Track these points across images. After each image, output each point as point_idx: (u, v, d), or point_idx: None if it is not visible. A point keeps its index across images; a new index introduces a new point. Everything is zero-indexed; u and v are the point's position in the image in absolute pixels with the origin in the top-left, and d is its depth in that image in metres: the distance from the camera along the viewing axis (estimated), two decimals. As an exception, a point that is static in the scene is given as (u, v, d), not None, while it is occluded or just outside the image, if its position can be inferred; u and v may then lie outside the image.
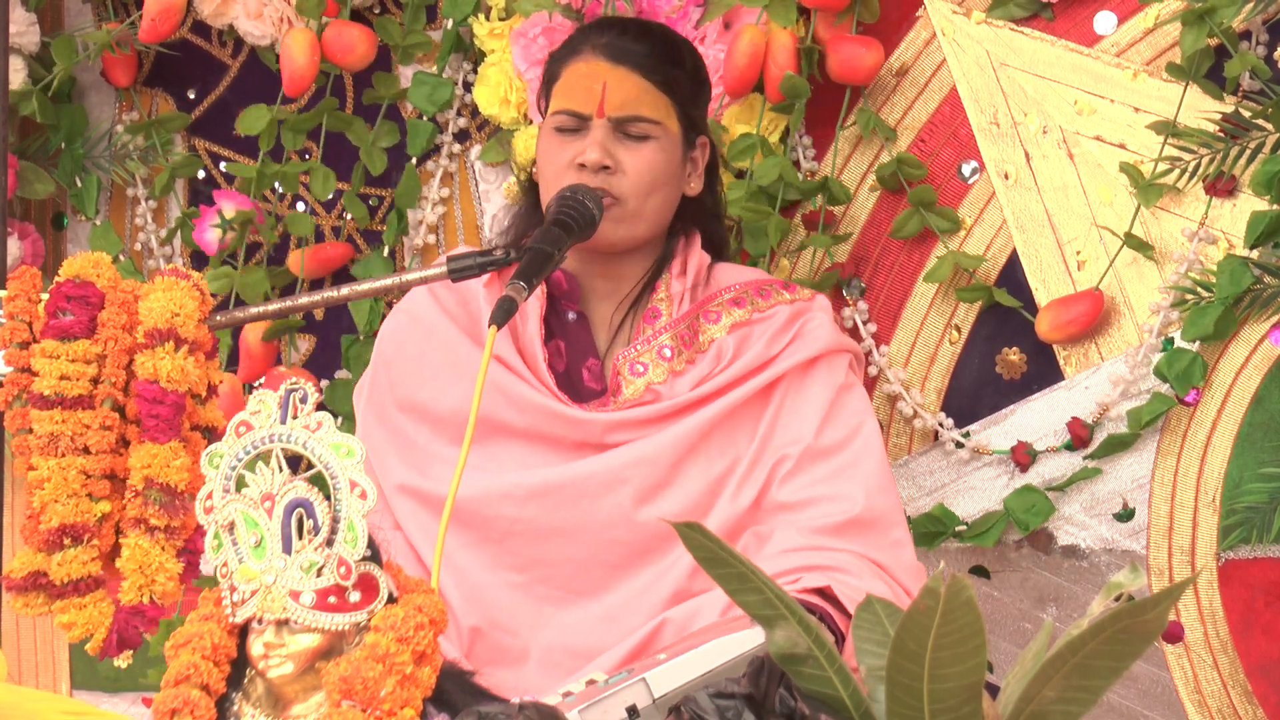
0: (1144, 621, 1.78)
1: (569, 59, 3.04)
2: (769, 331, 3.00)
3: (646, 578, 2.93)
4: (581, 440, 2.97)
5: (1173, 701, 3.29)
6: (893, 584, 2.86)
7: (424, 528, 2.97)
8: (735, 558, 1.90)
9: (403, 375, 3.04)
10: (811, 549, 2.85)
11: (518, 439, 2.98)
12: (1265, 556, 3.24)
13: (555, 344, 3.02)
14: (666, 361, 2.98)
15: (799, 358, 2.98)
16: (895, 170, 3.41)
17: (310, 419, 2.06)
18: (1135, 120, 3.32)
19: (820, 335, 3.01)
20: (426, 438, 3.01)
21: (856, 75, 3.42)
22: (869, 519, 2.90)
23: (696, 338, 3.01)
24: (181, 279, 2.61)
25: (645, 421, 2.96)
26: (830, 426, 2.95)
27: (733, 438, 2.95)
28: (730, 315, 3.02)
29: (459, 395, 2.99)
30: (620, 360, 3.00)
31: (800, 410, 2.96)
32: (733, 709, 1.91)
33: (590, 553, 2.94)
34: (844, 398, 2.99)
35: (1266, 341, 3.23)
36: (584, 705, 2.24)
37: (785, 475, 2.92)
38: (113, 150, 3.83)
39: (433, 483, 2.97)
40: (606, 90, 2.99)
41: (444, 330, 3.04)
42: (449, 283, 2.98)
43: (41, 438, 2.55)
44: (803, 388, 2.98)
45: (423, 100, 3.64)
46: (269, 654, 2.05)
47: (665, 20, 3.46)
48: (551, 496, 2.94)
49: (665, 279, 3.04)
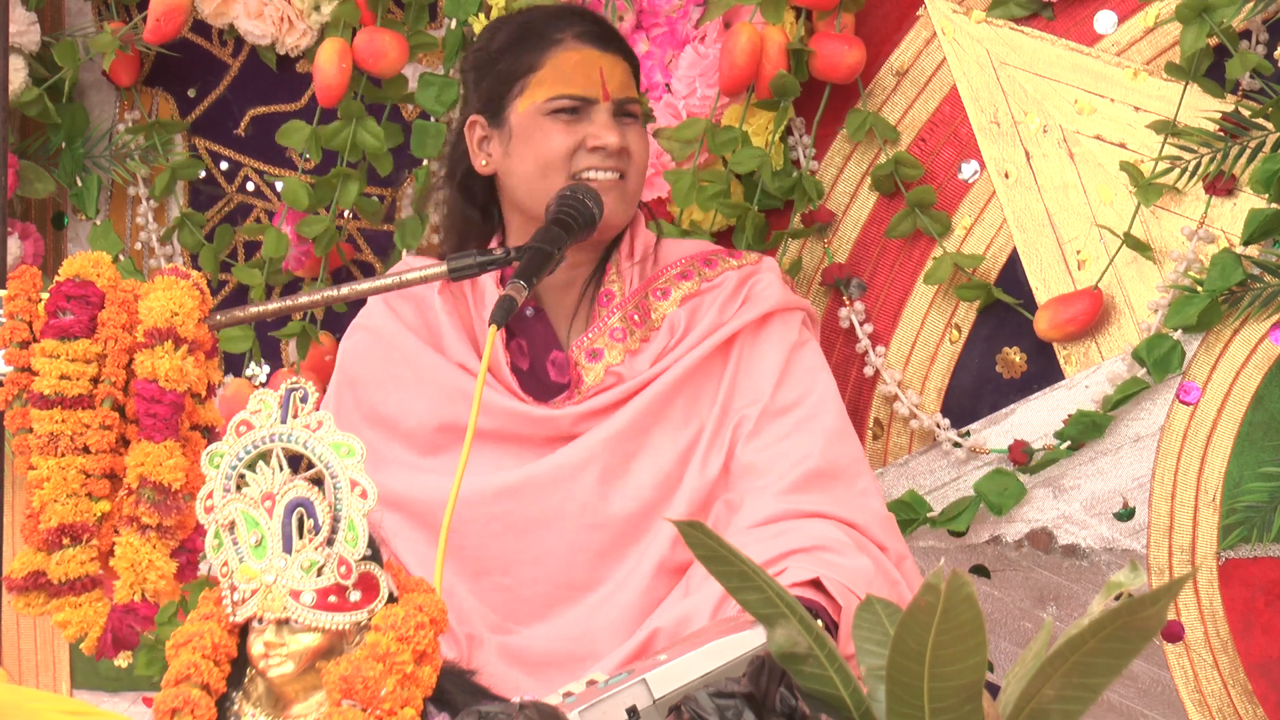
0: (1143, 618, 1.78)
1: (548, 49, 3.04)
2: (719, 299, 3.04)
3: (631, 558, 2.94)
4: (550, 436, 3.00)
5: (1173, 701, 3.29)
6: (870, 546, 2.88)
7: (394, 529, 2.98)
8: (736, 556, 1.90)
9: (368, 391, 3.07)
10: (787, 517, 2.86)
11: (488, 442, 2.99)
12: (1265, 556, 3.24)
13: (517, 343, 3.05)
14: (620, 342, 3.01)
15: (750, 316, 3.02)
16: (891, 172, 3.42)
17: (311, 418, 2.07)
18: (1135, 119, 3.32)
19: (770, 294, 3.04)
20: (398, 450, 3.03)
21: (837, 73, 3.43)
22: (830, 469, 2.93)
23: (649, 316, 3.04)
24: (181, 278, 2.61)
25: (609, 406, 2.99)
26: (786, 385, 2.99)
27: (695, 404, 2.99)
28: (679, 289, 3.06)
29: (425, 407, 3.02)
30: (576, 349, 3.02)
31: (756, 369, 3.00)
32: (733, 708, 1.91)
33: (571, 541, 2.95)
34: (798, 354, 3.02)
35: (1266, 341, 3.23)
36: (584, 706, 2.24)
37: (747, 435, 2.94)
38: (113, 150, 3.83)
39: (401, 486, 2.98)
40: (605, 74, 3.01)
41: (405, 343, 3.06)
42: (405, 295, 3.01)
43: (41, 437, 2.55)
44: (757, 346, 3.02)
45: (430, 101, 3.63)
46: (269, 653, 2.05)
47: (665, 20, 3.46)
48: (525, 492, 2.96)
49: (615, 260, 3.06)
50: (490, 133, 3.06)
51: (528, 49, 3.05)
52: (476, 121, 3.07)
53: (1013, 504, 3.34)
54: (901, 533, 3.03)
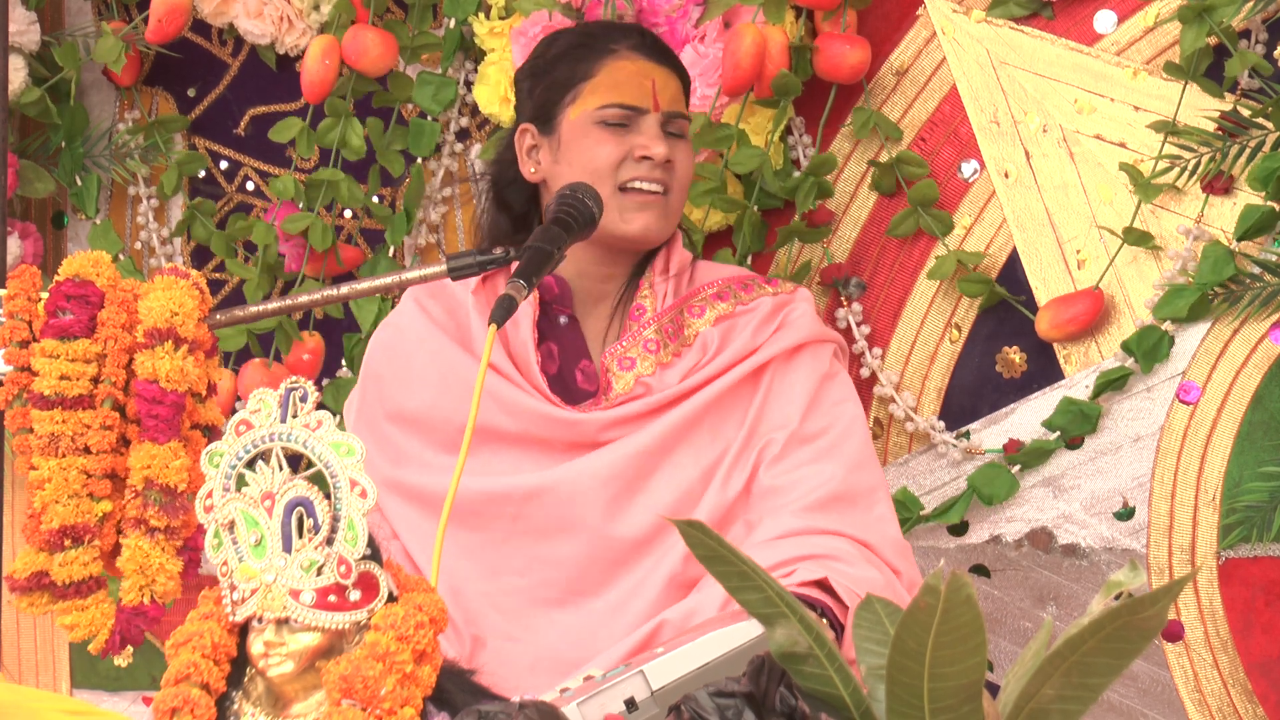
0: (1143, 619, 1.78)
1: (603, 58, 3.06)
2: (753, 323, 3.05)
3: (643, 569, 2.94)
4: (575, 440, 2.99)
5: (1173, 700, 3.29)
6: (882, 566, 2.89)
7: (411, 524, 2.99)
8: (736, 556, 1.90)
9: (392, 387, 3.07)
10: (802, 533, 2.88)
11: (511, 444, 3.00)
12: (1265, 555, 3.24)
13: (548, 347, 3.05)
14: (653, 354, 3.02)
15: (784, 345, 3.03)
16: (892, 170, 3.42)
17: (310, 418, 2.07)
18: (1135, 119, 3.32)
19: (804, 324, 3.06)
20: (418, 447, 3.04)
21: (840, 73, 3.43)
22: (849, 494, 2.94)
23: (682, 331, 3.05)
24: (181, 278, 2.61)
25: (637, 416, 2.99)
26: (814, 414, 3.00)
27: (722, 426, 2.99)
28: (714, 309, 3.06)
29: (448, 403, 3.02)
30: (608, 357, 3.03)
31: (785, 396, 3.01)
32: (733, 708, 1.91)
33: (588, 549, 2.96)
34: (828, 386, 3.03)
35: (1266, 340, 3.23)
36: (582, 699, 2.25)
37: (771, 460, 2.96)
38: (113, 149, 3.83)
39: (419, 479, 2.99)
40: (657, 86, 3.03)
41: (433, 340, 3.07)
42: (436, 294, 3.01)
43: (42, 437, 2.55)
44: (787, 374, 3.03)
45: (428, 100, 3.63)
46: (269, 653, 2.05)
47: (665, 19, 3.46)
48: (548, 496, 2.96)
49: (649, 277, 3.07)
50: (540, 141, 3.08)
51: (583, 58, 3.07)
52: (527, 130, 3.09)
53: (1004, 496, 3.34)
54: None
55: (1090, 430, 3.31)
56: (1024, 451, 3.33)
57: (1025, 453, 3.33)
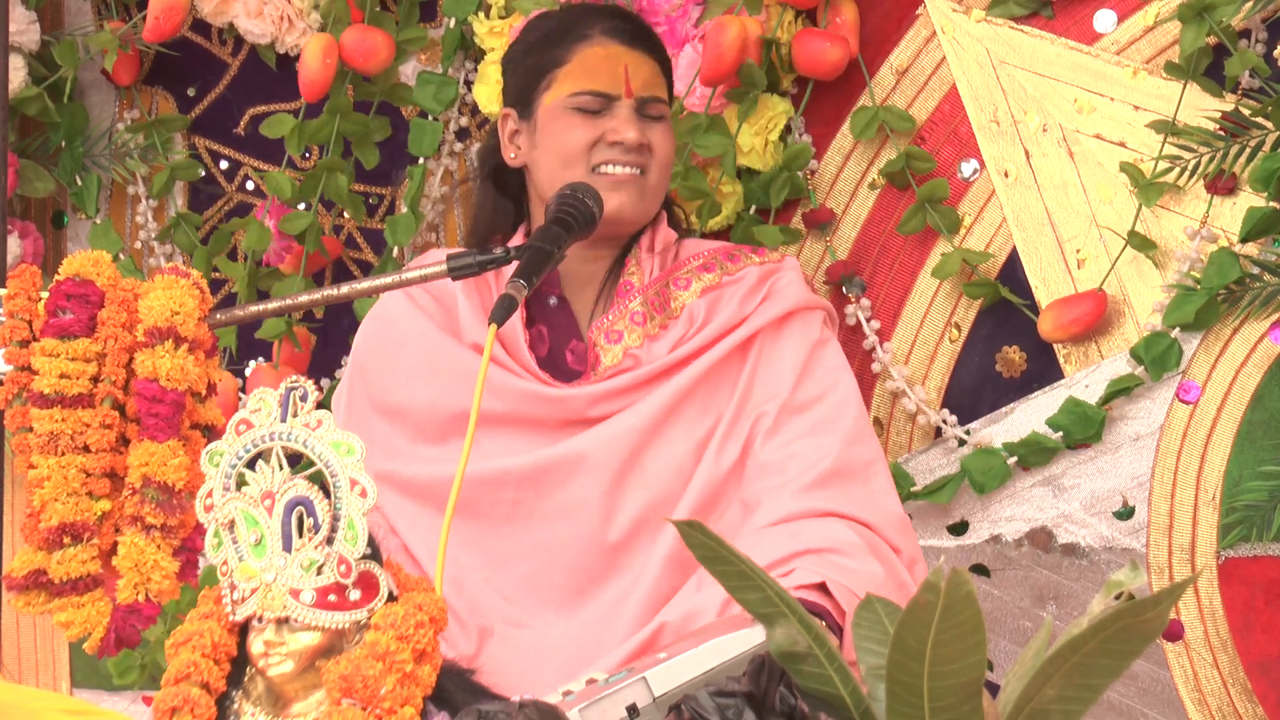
0: (1144, 620, 1.78)
1: (575, 44, 3.07)
2: (740, 293, 3.05)
3: (642, 550, 2.95)
4: (566, 418, 3.00)
5: (1172, 699, 3.29)
6: (883, 550, 2.88)
7: (407, 516, 2.99)
8: (736, 556, 1.90)
9: (379, 380, 3.08)
10: (802, 517, 2.87)
11: (503, 426, 3.01)
12: (1265, 555, 3.24)
13: (537, 329, 3.06)
14: (640, 326, 3.03)
15: (772, 314, 3.04)
16: (904, 166, 3.41)
17: (310, 417, 2.07)
18: (1135, 118, 3.32)
19: (791, 292, 3.06)
20: (409, 438, 3.04)
21: (821, 70, 3.43)
22: (847, 468, 2.94)
23: (668, 304, 3.06)
24: (181, 277, 2.61)
25: (626, 389, 2.99)
26: (806, 382, 3.00)
27: (713, 398, 3.00)
28: (700, 280, 3.07)
29: (436, 393, 3.03)
30: (595, 331, 3.04)
31: (776, 366, 3.01)
32: (733, 707, 1.91)
33: (587, 530, 2.96)
34: (819, 353, 3.03)
35: (1266, 340, 3.23)
36: (584, 704, 2.24)
37: (766, 433, 2.96)
38: (113, 149, 3.83)
39: (412, 470, 2.99)
40: (629, 72, 3.03)
41: (421, 330, 3.08)
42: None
43: (41, 436, 2.55)
44: (777, 343, 3.03)
45: (428, 99, 3.63)
46: (269, 652, 2.05)
47: (666, 19, 3.46)
48: (544, 478, 2.97)
49: (635, 254, 3.08)
50: (520, 126, 3.09)
51: (558, 43, 3.08)
52: (509, 115, 3.11)
53: (996, 484, 3.34)
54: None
55: (1094, 436, 3.31)
56: (1023, 443, 3.33)
57: (1025, 444, 3.33)
